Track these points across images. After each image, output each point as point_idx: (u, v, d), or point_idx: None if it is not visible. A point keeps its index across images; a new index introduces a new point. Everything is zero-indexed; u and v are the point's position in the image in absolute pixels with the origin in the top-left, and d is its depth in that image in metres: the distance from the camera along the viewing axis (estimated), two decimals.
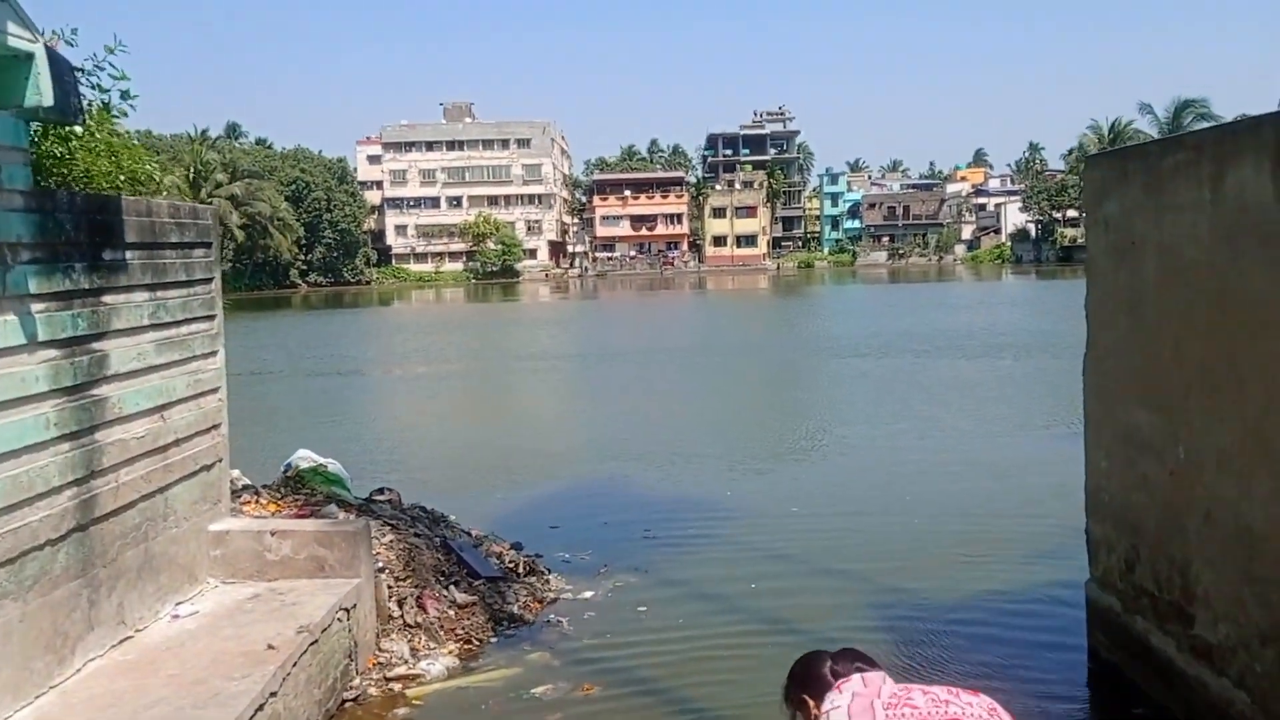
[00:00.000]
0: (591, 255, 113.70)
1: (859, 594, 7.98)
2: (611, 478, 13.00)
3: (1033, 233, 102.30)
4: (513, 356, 31.46)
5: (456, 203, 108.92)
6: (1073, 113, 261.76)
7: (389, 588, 7.15)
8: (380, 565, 7.28)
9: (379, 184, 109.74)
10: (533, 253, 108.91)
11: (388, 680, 6.48)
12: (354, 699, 6.25)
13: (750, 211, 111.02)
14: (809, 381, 23.58)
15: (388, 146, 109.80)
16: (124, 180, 6.36)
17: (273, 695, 5.18)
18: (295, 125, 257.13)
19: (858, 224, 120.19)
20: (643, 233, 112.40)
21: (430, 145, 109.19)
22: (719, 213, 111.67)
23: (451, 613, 7.32)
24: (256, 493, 8.40)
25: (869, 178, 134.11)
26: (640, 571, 8.85)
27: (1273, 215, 4.42)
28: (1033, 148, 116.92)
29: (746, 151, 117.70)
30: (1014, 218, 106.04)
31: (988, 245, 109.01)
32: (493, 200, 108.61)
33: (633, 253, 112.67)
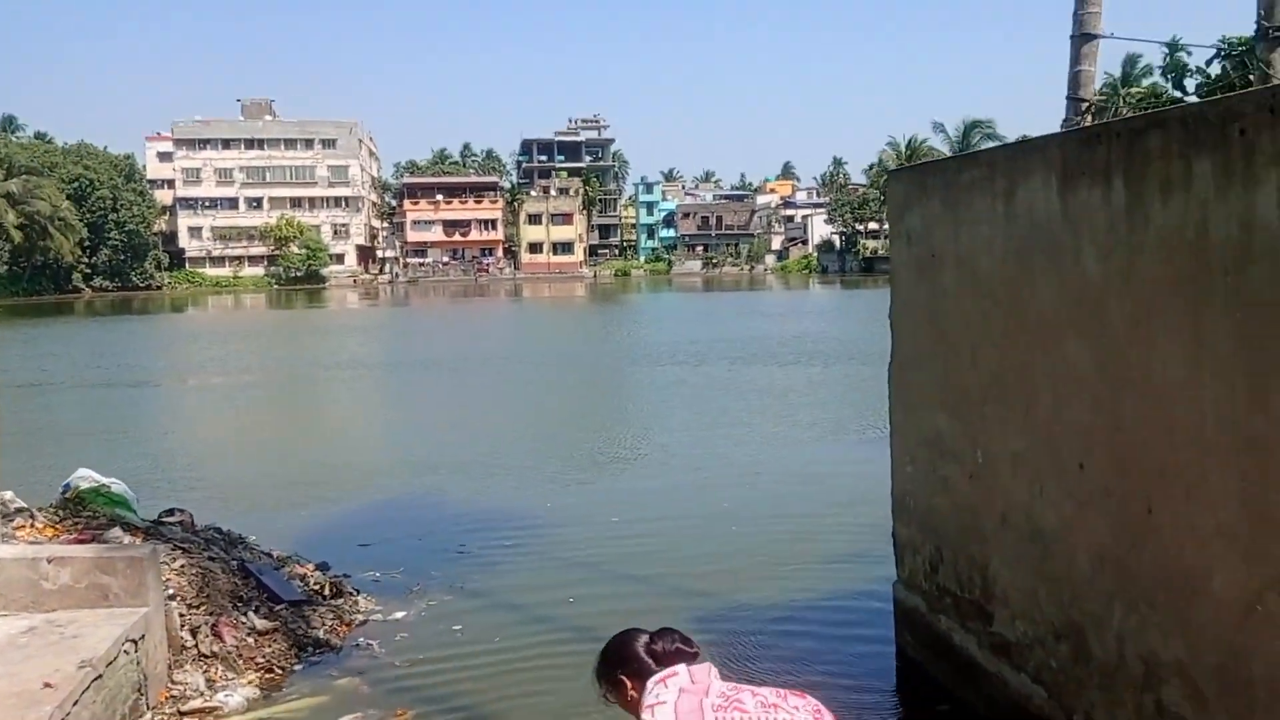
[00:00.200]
0: (403, 261, 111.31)
1: (676, 601, 8.00)
2: (425, 492, 12.64)
3: (837, 244, 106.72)
4: (319, 365, 30.33)
5: (256, 204, 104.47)
6: (873, 129, 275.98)
7: (181, 616, 6.68)
8: (171, 592, 6.79)
9: (171, 183, 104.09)
10: (340, 257, 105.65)
11: (182, 714, 6.03)
12: None
13: (566, 218, 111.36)
14: (628, 390, 23.73)
15: (180, 143, 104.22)
16: None
17: None
18: (78, 119, 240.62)
19: (673, 233, 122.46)
20: (456, 238, 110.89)
21: (227, 143, 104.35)
22: (535, 219, 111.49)
23: (251, 640, 6.89)
24: (31, 516, 7.74)
25: (683, 188, 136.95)
26: (455, 588, 8.60)
27: (1059, 230, 4.63)
28: (836, 162, 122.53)
29: (562, 158, 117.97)
30: (820, 229, 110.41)
31: (796, 255, 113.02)
32: (296, 202, 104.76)
33: (446, 259, 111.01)
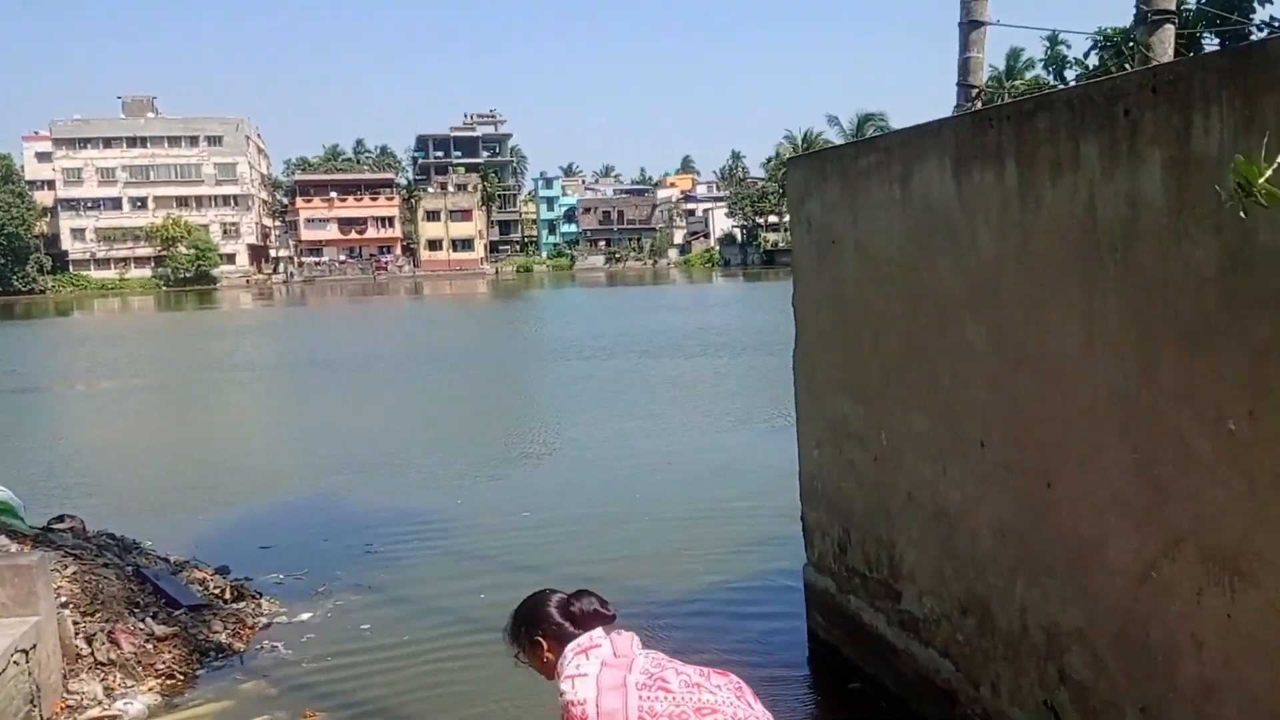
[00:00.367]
0: (297, 260, 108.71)
1: None
2: (329, 493, 12.38)
3: (738, 237, 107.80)
4: (213, 368, 29.46)
5: (141, 204, 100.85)
6: (770, 123, 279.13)
7: (75, 624, 6.42)
8: (64, 600, 6.53)
9: (51, 184, 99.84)
10: (231, 257, 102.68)
11: None
12: None
13: (465, 215, 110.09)
14: (536, 385, 23.60)
15: (59, 143, 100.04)
16: None
17: None
18: None
19: (574, 228, 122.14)
20: (352, 236, 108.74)
21: (109, 142, 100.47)
22: (433, 216, 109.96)
23: (150, 646, 6.66)
24: None
25: (583, 182, 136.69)
26: (363, 589, 8.45)
27: (955, 213, 4.74)
28: (735, 156, 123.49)
29: (458, 154, 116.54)
30: (721, 223, 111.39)
31: (698, 249, 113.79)
32: (182, 201, 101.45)
33: (342, 257, 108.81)
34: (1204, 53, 6.63)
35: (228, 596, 7.93)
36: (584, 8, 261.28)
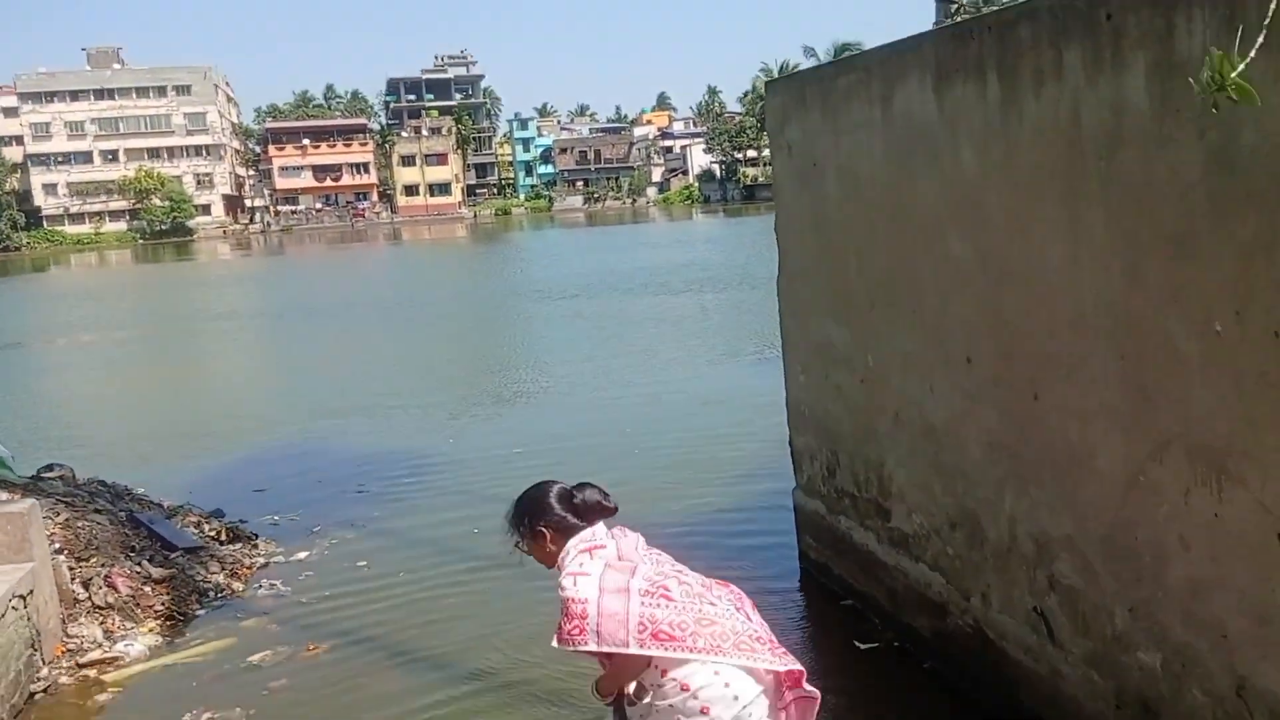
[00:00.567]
0: (273, 209, 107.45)
1: None
2: (320, 436, 12.40)
3: (717, 173, 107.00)
4: (197, 318, 29.28)
5: (112, 157, 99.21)
6: (747, 57, 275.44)
7: (71, 569, 6.45)
8: (57, 546, 6.56)
9: (19, 139, 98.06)
10: (206, 208, 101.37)
11: (80, 667, 5.87)
12: (44, 690, 5.63)
13: (441, 159, 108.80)
14: (523, 326, 23.55)
15: (25, 97, 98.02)
16: None
17: None
18: None
19: (551, 169, 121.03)
20: (328, 184, 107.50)
21: (75, 95, 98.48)
22: (408, 161, 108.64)
23: (148, 589, 6.71)
24: None
25: (558, 123, 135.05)
26: (358, 526, 8.52)
27: (937, 129, 4.71)
28: (711, 91, 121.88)
29: (431, 97, 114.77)
30: (699, 159, 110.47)
31: (677, 187, 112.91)
32: (154, 153, 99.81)
33: (319, 205, 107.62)
34: None
35: (223, 539, 7.98)
36: None
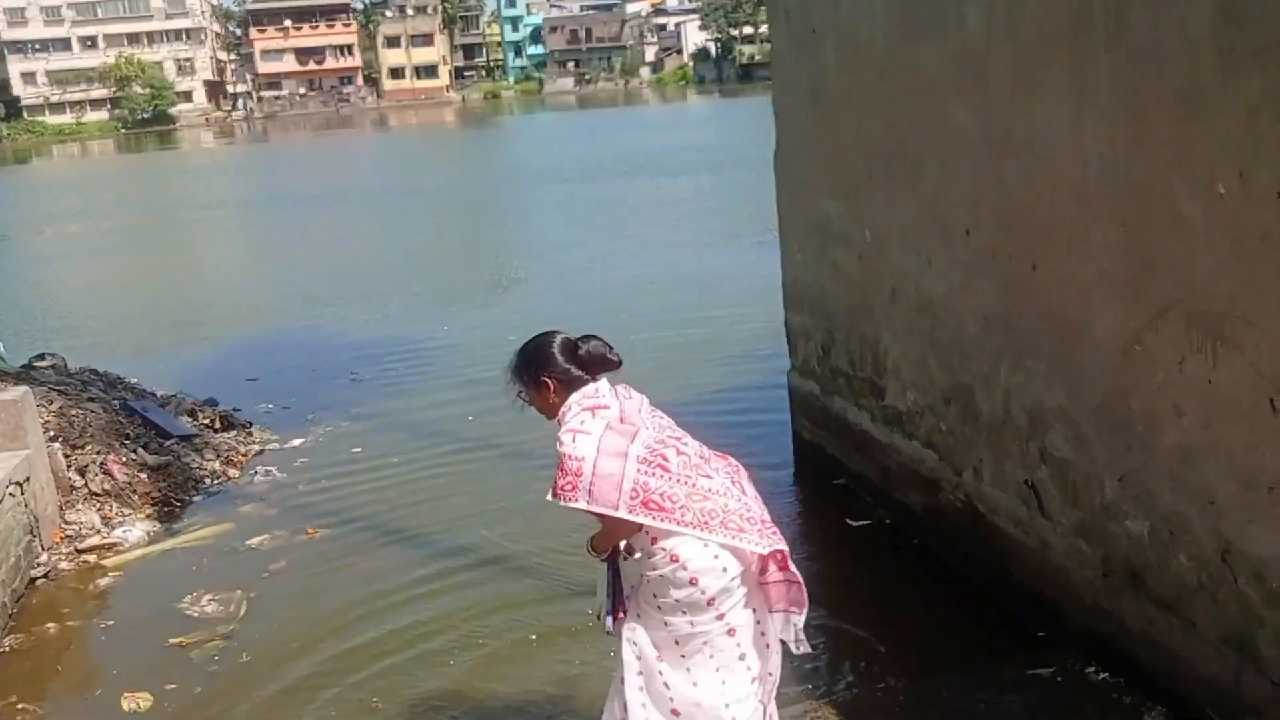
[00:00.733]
0: (256, 95, 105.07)
1: None
2: (314, 324, 12.34)
3: (713, 52, 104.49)
4: (184, 208, 28.90)
5: (91, 43, 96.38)
6: None
7: (66, 457, 6.47)
8: (51, 434, 6.56)
9: None
10: (187, 95, 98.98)
11: (80, 553, 5.93)
12: (44, 575, 5.70)
13: (427, 40, 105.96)
14: (517, 212, 23.23)
15: None
16: None
17: None
18: None
19: (541, 50, 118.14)
20: (311, 68, 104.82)
21: None
22: (393, 42, 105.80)
23: (144, 476, 6.74)
24: None
25: (547, 0, 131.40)
26: (352, 414, 8.53)
27: None
28: None
29: None
30: (694, 37, 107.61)
31: (671, 67, 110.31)
32: (133, 38, 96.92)
33: (303, 90, 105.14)
34: None
35: (218, 426, 8.00)
36: None
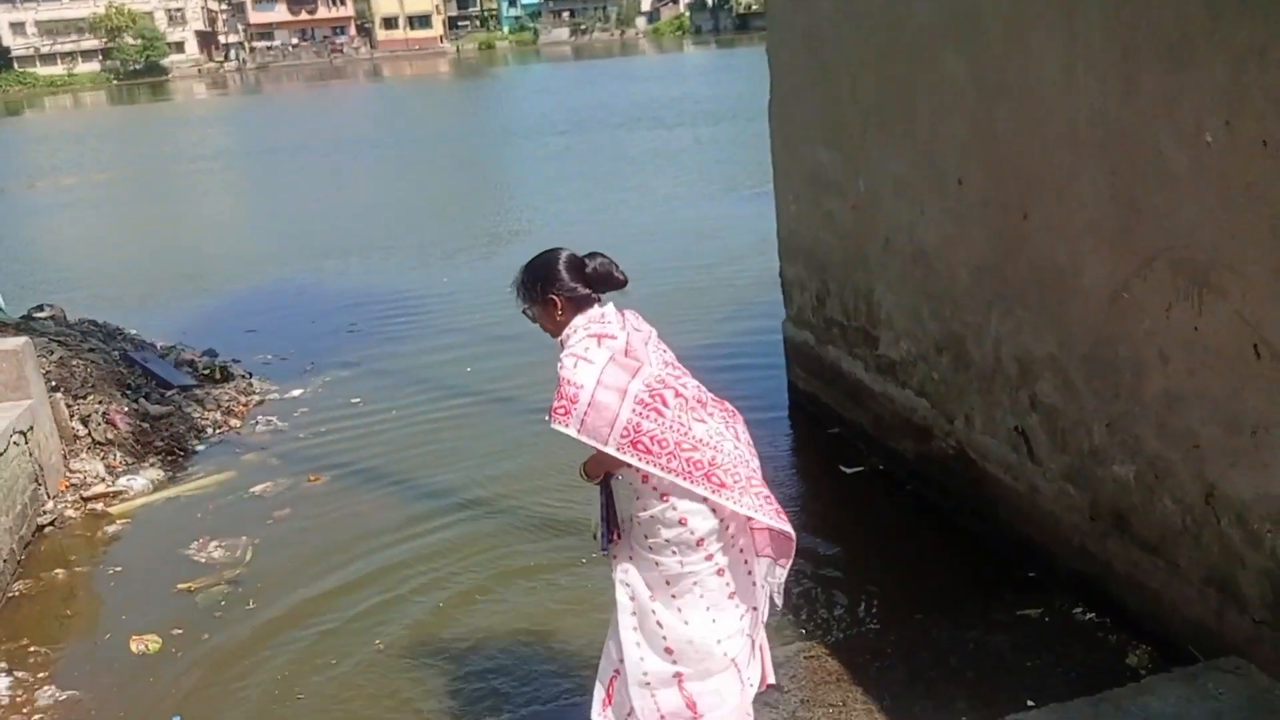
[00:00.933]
0: (248, 46, 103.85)
1: None
2: (311, 276, 12.35)
3: (709, 1, 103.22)
4: (180, 159, 28.73)
5: None
6: None
7: (69, 407, 6.54)
8: (54, 384, 6.62)
9: None
10: (179, 46, 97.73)
11: (85, 501, 6.02)
12: (51, 523, 5.79)
13: None
14: (515, 162, 23.12)
15: None
16: None
17: None
18: None
19: None
20: (303, 17, 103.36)
21: None
22: None
23: (146, 425, 6.81)
24: None
25: None
26: (350, 365, 8.59)
27: None
28: None
29: None
30: None
31: (668, 16, 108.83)
32: None
33: (295, 40, 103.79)
34: None
35: (218, 377, 8.06)
36: None
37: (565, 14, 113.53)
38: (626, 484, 3.00)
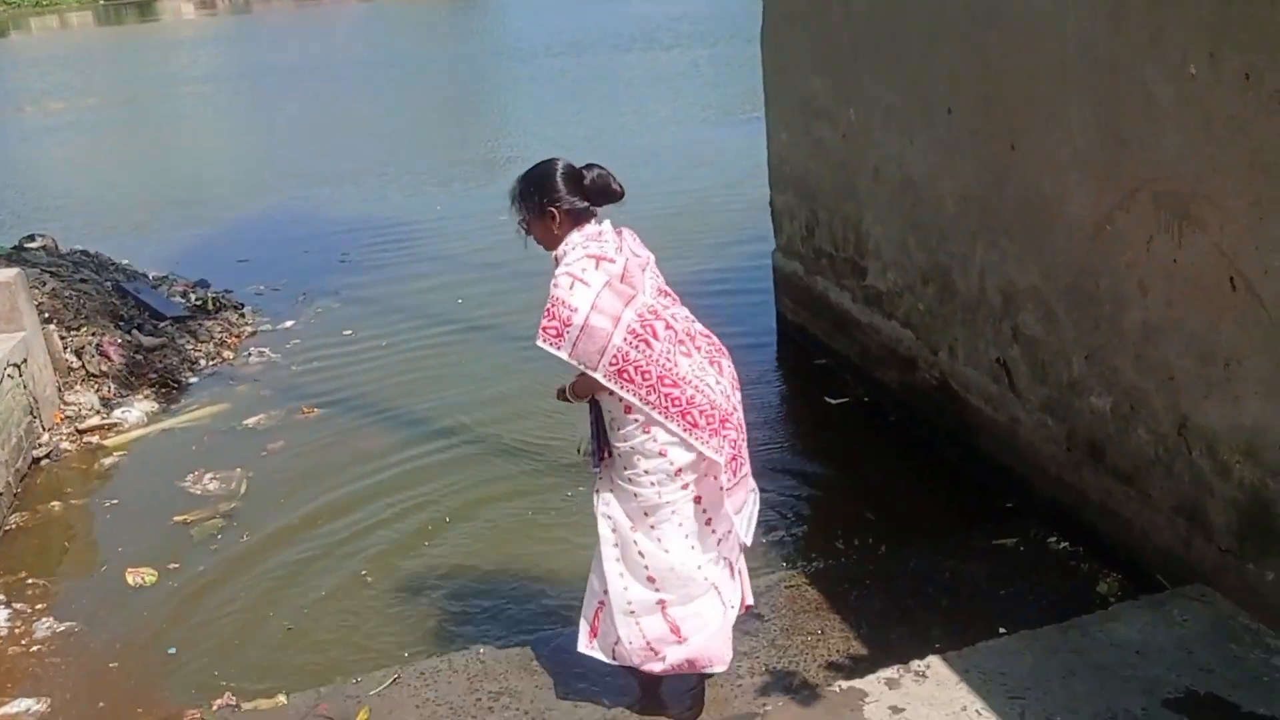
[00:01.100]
0: None
1: None
2: (303, 204, 12.26)
3: None
4: (169, 82, 28.30)
5: None
6: None
7: (62, 338, 6.55)
8: (46, 316, 6.63)
9: None
10: None
11: (80, 433, 6.06)
12: (47, 456, 5.84)
13: None
14: (511, 88, 22.74)
15: None
16: None
17: None
18: None
19: None
20: None
21: None
22: None
23: (140, 357, 6.84)
24: None
25: None
26: (342, 296, 8.59)
27: None
28: None
29: None
30: None
31: None
32: None
33: None
34: None
35: (210, 308, 8.06)
36: None
37: None
38: (607, 413, 3.04)
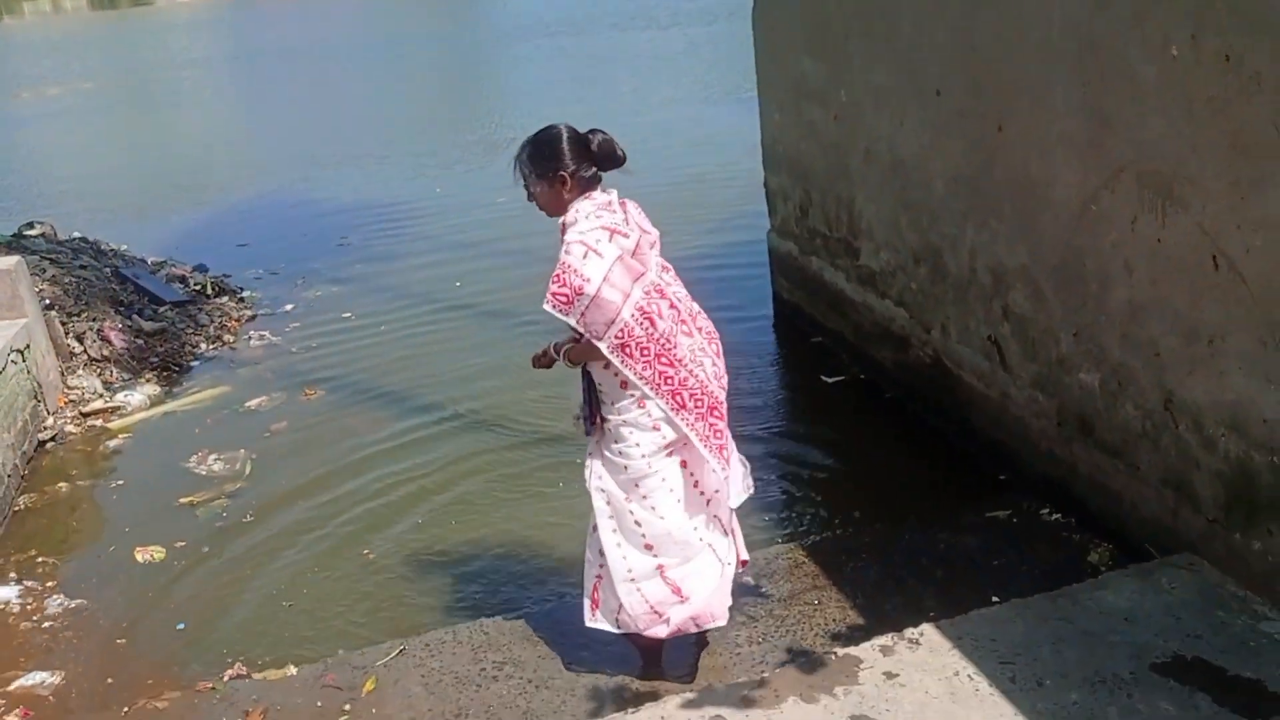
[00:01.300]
0: None
1: None
2: (302, 187, 12.32)
3: None
4: (166, 66, 28.27)
5: None
6: None
7: (63, 324, 6.62)
8: (48, 302, 6.69)
9: None
10: None
11: (84, 416, 6.14)
12: (52, 439, 5.92)
13: None
14: (511, 68, 22.73)
15: None
16: None
17: None
18: None
19: None
20: None
21: None
22: None
23: (141, 342, 6.91)
24: None
25: None
26: (341, 279, 8.65)
27: None
28: None
29: None
30: None
31: None
32: None
33: None
34: None
35: (210, 292, 8.12)
36: None
37: None
38: (598, 384, 3.11)
